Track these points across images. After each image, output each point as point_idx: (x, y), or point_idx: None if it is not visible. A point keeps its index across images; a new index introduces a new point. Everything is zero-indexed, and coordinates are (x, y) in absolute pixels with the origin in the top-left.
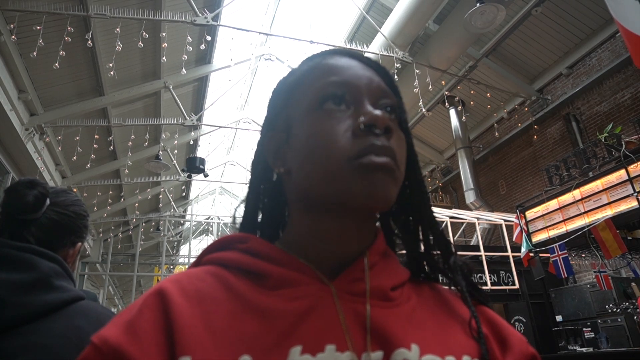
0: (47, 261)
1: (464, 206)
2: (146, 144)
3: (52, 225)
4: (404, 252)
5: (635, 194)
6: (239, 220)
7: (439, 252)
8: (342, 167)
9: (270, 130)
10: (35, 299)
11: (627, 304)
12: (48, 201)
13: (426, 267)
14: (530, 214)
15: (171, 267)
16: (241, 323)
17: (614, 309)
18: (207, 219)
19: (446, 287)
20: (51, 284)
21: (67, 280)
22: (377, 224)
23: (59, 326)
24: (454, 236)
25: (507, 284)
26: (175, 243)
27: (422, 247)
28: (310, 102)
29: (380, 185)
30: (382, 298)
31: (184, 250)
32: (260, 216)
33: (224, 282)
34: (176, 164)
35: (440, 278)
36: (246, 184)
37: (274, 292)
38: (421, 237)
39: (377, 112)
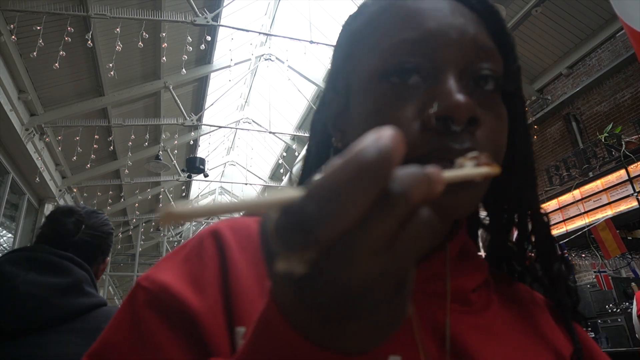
0: (80, 269)
1: None
2: (146, 144)
3: (86, 246)
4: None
5: (635, 194)
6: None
7: (536, 253)
8: None
9: (331, 91)
10: (70, 301)
11: (627, 304)
12: (83, 226)
13: (515, 269)
14: None
15: None
16: None
17: (614, 309)
18: (207, 219)
19: (527, 287)
20: (83, 290)
21: (93, 288)
22: None
23: (89, 327)
24: None
25: None
26: (175, 243)
27: (514, 244)
28: (374, 68)
29: (456, 205)
30: (460, 302)
31: None
32: None
33: None
34: (176, 164)
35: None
36: (246, 183)
37: None
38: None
39: (459, 97)
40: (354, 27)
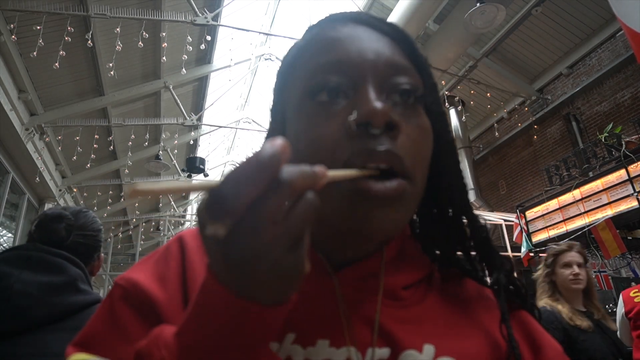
0: (74, 267)
1: None
2: (146, 144)
3: (79, 247)
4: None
5: (635, 194)
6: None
7: (477, 255)
8: (329, 185)
9: (272, 121)
10: (65, 299)
11: None
12: (73, 230)
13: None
14: (530, 214)
15: None
16: None
17: (614, 309)
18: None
19: (476, 283)
20: (78, 287)
21: (87, 285)
22: None
23: (84, 325)
24: None
25: None
26: None
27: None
28: (301, 91)
29: (378, 220)
30: (391, 297)
31: None
32: None
33: None
34: (176, 164)
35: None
36: None
37: None
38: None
39: (376, 104)
40: (286, 61)
